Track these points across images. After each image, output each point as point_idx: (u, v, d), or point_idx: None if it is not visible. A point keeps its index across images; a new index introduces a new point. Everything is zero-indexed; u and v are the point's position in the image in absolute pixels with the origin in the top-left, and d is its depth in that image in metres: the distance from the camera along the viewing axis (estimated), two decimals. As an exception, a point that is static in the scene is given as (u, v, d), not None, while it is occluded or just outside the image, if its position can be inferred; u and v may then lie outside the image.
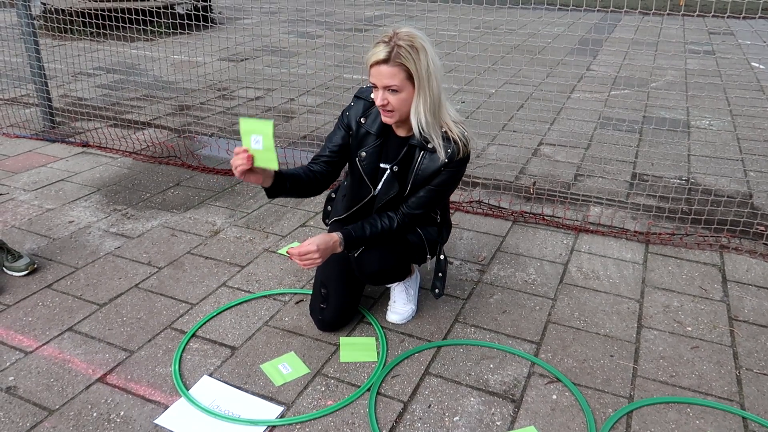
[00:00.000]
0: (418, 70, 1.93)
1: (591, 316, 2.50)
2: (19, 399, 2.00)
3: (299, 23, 9.59)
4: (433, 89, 1.97)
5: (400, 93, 1.96)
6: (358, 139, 2.21)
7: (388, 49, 1.91)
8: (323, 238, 2.06)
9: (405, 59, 1.91)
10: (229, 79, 6.21)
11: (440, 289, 2.36)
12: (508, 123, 4.94)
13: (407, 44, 1.91)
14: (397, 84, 1.94)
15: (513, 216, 3.32)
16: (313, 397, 2.04)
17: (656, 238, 3.09)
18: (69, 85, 5.82)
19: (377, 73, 1.95)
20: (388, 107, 2.00)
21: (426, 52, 1.94)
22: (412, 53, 1.91)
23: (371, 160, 2.20)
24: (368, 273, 2.24)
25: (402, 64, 1.92)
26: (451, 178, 2.14)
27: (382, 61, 1.92)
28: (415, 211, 2.18)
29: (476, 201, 3.48)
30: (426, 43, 1.95)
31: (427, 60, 1.94)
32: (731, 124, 5.01)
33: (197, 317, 2.44)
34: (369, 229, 2.16)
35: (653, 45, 8.51)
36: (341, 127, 2.25)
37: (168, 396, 2.03)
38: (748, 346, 2.34)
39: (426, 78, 1.95)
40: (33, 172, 3.83)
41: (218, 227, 3.18)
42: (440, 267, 2.36)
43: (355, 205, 2.31)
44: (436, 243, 2.36)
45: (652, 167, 4.05)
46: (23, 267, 2.67)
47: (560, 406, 2.03)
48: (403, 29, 1.95)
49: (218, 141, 4.42)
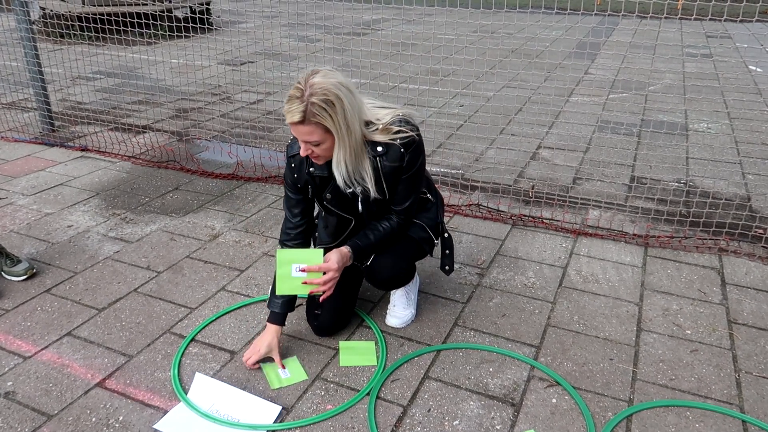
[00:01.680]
0: (335, 123, 1.88)
1: (590, 319, 2.50)
2: (18, 404, 2.00)
3: (298, 27, 9.60)
4: (353, 133, 1.94)
5: (323, 144, 1.95)
6: (316, 187, 2.18)
7: (302, 109, 1.84)
8: (340, 258, 2.07)
9: (320, 118, 1.86)
10: (229, 83, 6.22)
11: (450, 266, 2.38)
12: (507, 126, 4.95)
13: (321, 100, 1.84)
14: (317, 139, 1.92)
15: (512, 219, 3.32)
16: (313, 402, 2.04)
17: (655, 241, 3.09)
18: (68, 89, 5.82)
19: (296, 130, 1.93)
20: (314, 155, 2.01)
21: (341, 101, 1.86)
22: (327, 108, 1.85)
23: (337, 194, 2.18)
24: (382, 280, 2.27)
25: (318, 123, 1.88)
26: (415, 161, 2.11)
27: (298, 122, 1.88)
28: (405, 205, 2.19)
29: (475, 204, 3.48)
30: (341, 89, 1.87)
31: (343, 110, 1.87)
32: (729, 127, 5.02)
33: (196, 321, 2.44)
34: (373, 235, 2.18)
35: (651, 48, 8.53)
36: (293, 192, 2.22)
37: (167, 401, 2.03)
38: (748, 349, 2.34)
39: (345, 128, 1.91)
40: (32, 177, 3.83)
41: (217, 231, 3.18)
42: (446, 244, 2.38)
43: (341, 234, 2.31)
44: (438, 224, 2.38)
45: (650, 170, 4.05)
46: (22, 272, 2.67)
47: (560, 410, 2.03)
48: (315, 78, 1.86)
49: (218, 144, 4.42)
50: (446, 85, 6.15)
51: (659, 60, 7.70)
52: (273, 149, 4.34)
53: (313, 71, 1.90)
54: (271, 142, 4.48)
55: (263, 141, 4.48)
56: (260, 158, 4.10)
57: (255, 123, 4.94)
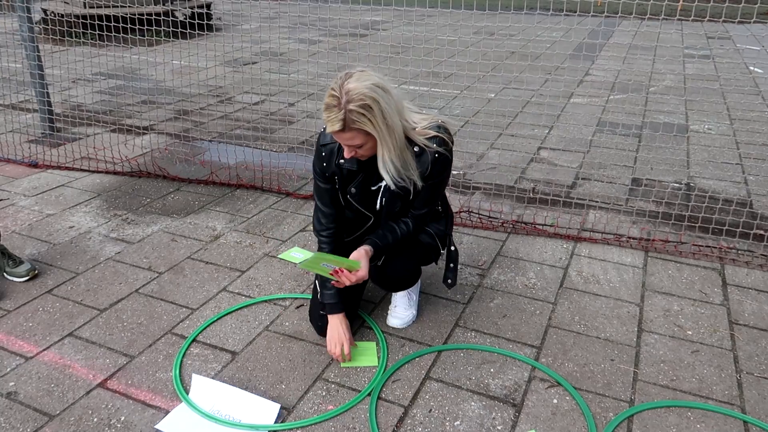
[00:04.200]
0: (375, 127, 1.89)
1: (591, 320, 2.50)
2: (20, 404, 2.00)
3: (299, 29, 9.61)
4: (395, 132, 1.94)
5: (366, 145, 1.96)
6: (343, 179, 2.19)
7: (341, 117, 1.84)
8: (367, 258, 2.11)
9: (360, 123, 1.86)
10: (230, 84, 6.22)
11: (453, 279, 2.39)
12: (507, 128, 4.95)
13: (358, 106, 1.83)
14: (359, 142, 1.94)
15: (505, 226, 3.31)
16: (314, 402, 2.04)
17: (651, 244, 3.09)
18: (69, 90, 5.83)
19: (338, 137, 1.95)
20: (359, 155, 2.02)
21: (379, 105, 1.86)
22: (365, 114, 1.85)
23: (361, 190, 2.20)
24: (391, 280, 2.28)
25: (359, 129, 1.88)
26: (442, 170, 2.13)
27: (339, 130, 1.89)
28: (422, 211, 2.23)
29: (466, 211, 3.38)
30: (377, 90, 1.86)
31: (381, 111, 1.87)
32: (730, 128, 5.02)
33: (198, 322, 2.44)
34: (391, 236, 2.20)
35: (651, 50, 8.54)
36: (322, 181, 2.21)
37: (168, 401, 2.03)
38: (749, 350, 2.34)
39: (385, 128, 1.91)
40: (33, 178, 3.83)
41: (218, 232, 3.18)
42: (452, 258, 2.40)
43: (358, 230, 2.34)
44: (446, 236, 2.39)
45: (651, 171, 4.06)
46: (24, 273, 2.67)
47: (561, 411, 2.03)
48: (350, 83, 1.85)
49: (218, 147, 4.43)
50: (446, 87, 6.16)
51: (660, 61, 7.71)
52: (273, 150, 4.35)
53: (346, 74, 1.88)
54: (272, 143, 4.48)
55: (264, 142, 4.49)
56: (259, 161, 4.10)
57: (256, 124, 4.94)
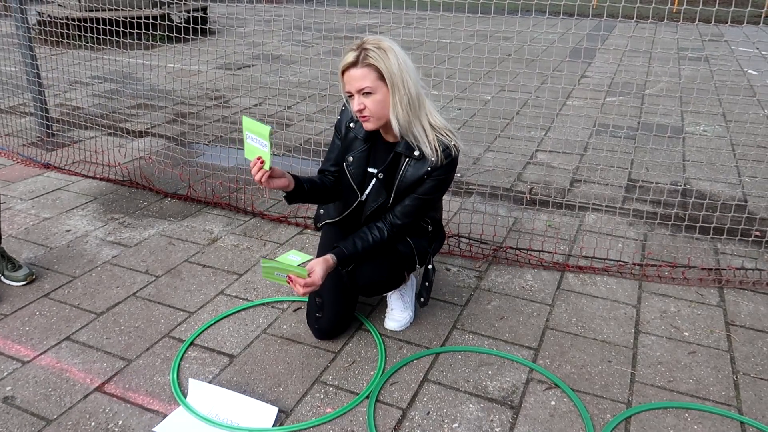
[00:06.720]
0: (389, 68, 1.95)
1: (588, 321, 2.51)
2: (17, 409, 2.00)
3: (295, 32, 9.62)
4: (408, 87, 1.98)
5: (374, 95, 1.98)
6: (346, 143, 2.23)
7: (357, 53, 1.96)
8: (323, 266, 2.06)
9: (373, 59, 1.94)
10: (227, 87, 6.22)
11: (425, 298, 2.35)
12: (504, 130, 4.96)
13: (374, 46, 1.95)
14: (369, 85, 1.96)
15: (489, 258, 2.95)
16: (312, 405, 2.04)
17: (647, 272, 3.08)
18: (65, 94, 5.82)
19: (349, 78, 1.98)
20: (365, 112, 2.01)
21: (394, 53, 1.96)
22: (379, 54, 1.94)
23: (358, 164, 2.21)
24: (361, 285, 2.26)
25: (371, 65, 1.95)
26: (435, 187, 2.14)
27: (351, 64, 1.96)
28: (402, 221, 2.18)
29: (455, 235, 3.09)
30: (395, 45, 1.98)
31: (396, 59, 1.96)
32: (725, 130, 5.04)
33: (195, 325, 2.44)
34: (360, 243, 2.15)
35: (647, 52, 8.56)
36: (336, 135, 2.27)
37: (166, 405, 2.03)
38: (745, 351, 2.35)
39: (399, 75, 1.96)
40: (29, 181, 3.83)
41: (216, 235, 3.18)
42: (428, 277, 2.35)
43: (345, 210, 2.31)
44: (426, 253, 2.34)
45: (647, 173, 4.07)
46: (22, 277, 2.67)
47: (559, 412, 2.03)
48: (370, 37, 2.00)
49: (219, 149, 4.43)
50: (443, 89, 6.17)
51: (656, 63, 7.73)
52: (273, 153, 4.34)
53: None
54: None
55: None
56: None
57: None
